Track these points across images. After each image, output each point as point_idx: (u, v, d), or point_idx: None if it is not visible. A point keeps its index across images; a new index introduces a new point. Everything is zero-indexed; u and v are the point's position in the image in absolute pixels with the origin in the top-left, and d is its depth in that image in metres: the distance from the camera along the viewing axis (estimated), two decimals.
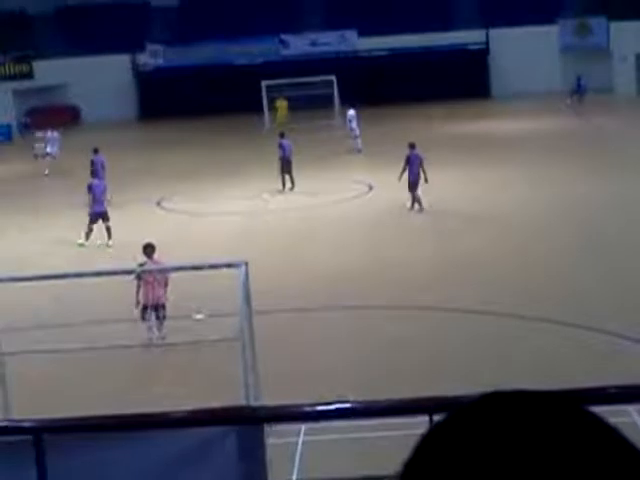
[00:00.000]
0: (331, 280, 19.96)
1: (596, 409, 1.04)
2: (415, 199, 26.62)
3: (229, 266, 13.09)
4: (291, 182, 31.08)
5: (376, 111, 49.07)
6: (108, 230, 24.45)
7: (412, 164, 26.95)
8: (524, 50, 55.33)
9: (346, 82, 49.28)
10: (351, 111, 39.65)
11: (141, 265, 16.77)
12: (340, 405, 3.86)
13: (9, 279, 15.07)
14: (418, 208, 26.55)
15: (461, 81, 54.78)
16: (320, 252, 22.81)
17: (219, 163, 37.41)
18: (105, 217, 24.77)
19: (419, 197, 26.57)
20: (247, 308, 12.37)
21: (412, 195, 26.65)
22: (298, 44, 57.89)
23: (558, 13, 56.92)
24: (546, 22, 55.20)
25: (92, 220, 24.69)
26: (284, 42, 58.14)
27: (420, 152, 27.46)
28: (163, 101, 56.22)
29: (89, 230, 24.54)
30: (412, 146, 27.58)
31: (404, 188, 26.72)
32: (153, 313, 16.55)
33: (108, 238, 24.37)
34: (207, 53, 56.82)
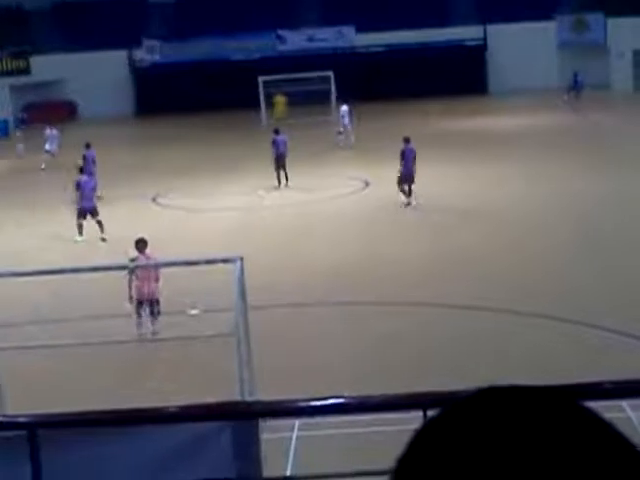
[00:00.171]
0: (327, 276, 19.96)
1: (591, 404, 1.04)
2: (410, 192, 26.68)
3: (225, 261, 13.10)
4: (285, 177, 31.08)
5: (373, 107, 49.09)
6: (100, 224, 24.48)
7: (407, 158, 27.04)
8: (521, 46, 55.39)
9: (343, 78, 49.26)
10: (344, 107, 39.69)
11: (133, 260, 16.76)
12: (334, 400, 3.86)
13: (5, 274, 15.06)
14: (409, 202, 26.61)
15: (458, 77, 54.84)
16: (316, 248, 22.81)
17: (216, 159, 37.39)
18: (94, 212, 24.78)
19: (411, 191, 26.64)
20: (242, 303, 12.38)
21: (408, 188, 26.70)
22: (295, 40, 57.89)
23: (555, 9, 56.97)
24: (543, 18, 55.28)
25: (79, 215, 24.73)
26: (281, 38, 58.14)
27: (414, 147, 27.53)
28: (160, 97, 56.21)
29: (78, 225, 24.56)
30: (407, 140, 27.66)
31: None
32: (147, 308, 16.55)
33: (101, 232, 24.39)
34: (204, 49, 56.80)
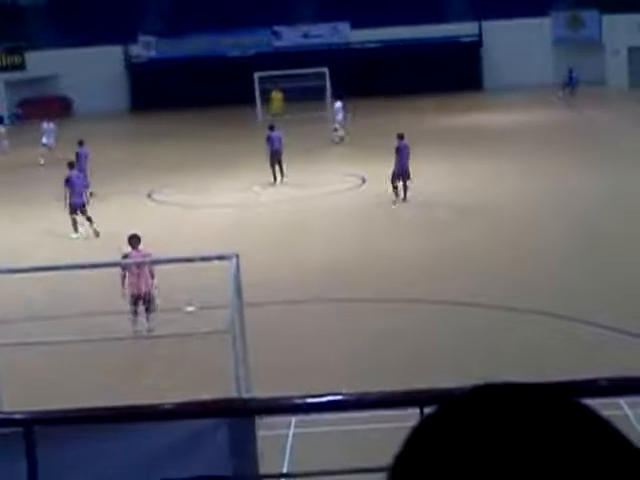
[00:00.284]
0: (323, 272, 19.95)
1: (588, 401, 1.04)
2: (405, 188, 26.70)
3: (220, 258, 13.08)
4: (281, 173, 31.04)
5: (368, 103, 49.03)
6: (89, 220, 24.51)
7: (401, 154, 27.08)
8: (517, 42, 55.36)
9: (339, 74, 49.23)
10: (338, 103, 39.72)
11: (125, 256, 16.75)
12: (331, 397, 3.86)
13: (1, 270, 15.05)
14: (399, 198, 26.69)
15: (454, 73, 54.79)
16: (312, 245, 22.79)
17: (211, 155, 37.33)
18: (83, 209, 24.77)
19: (403, 187, 26.67)
20: (238, 300, 12.36)
21: (403, 184, 26.74)
22: (291, 36, 57.85)
23: (550, 5, 56.94)
24: (539, 14, 55.27)
25: (71, 211, 24.74)
26: (277, 34, 58.09)
27: (407, 143, 27.56)
28: (155, 93, 56.11)
29: (73, 222, 24.55)
30: (401, 137, 27.73)
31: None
32: (142, 305, 16.52)
33: (90, 225, 24.42)
34: (200, 45, 56.74)
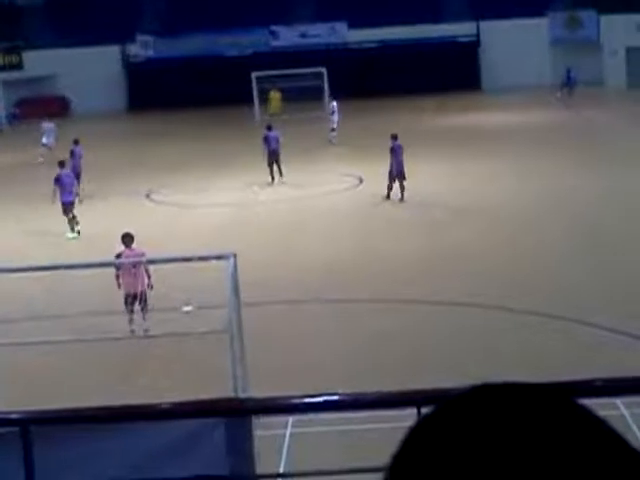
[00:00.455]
0: (320, 272, 19.95)
1: (585, 402, 1.04)
2: (402, 188, 26.74)
3: (218, 258, 13.10)
4: (280, 173, 31.02)
5: (366, 103, 49.04)
6: (75, 218, 24.63)
7: (396, 155, 27.13)
8: (514, 43, 55.40)
9: (336, 74, 49.24)
10: (334, 103, 39.77)
11: (119, 255, 16.74)
12: (328, 397, 3.86)
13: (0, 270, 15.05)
14: (392, 199, 26.72)
15: (451, 73, 54.81)
16: (309, 244, 22.80)
17: (209, 155, 37.33)
18: (71, 207, 24.81)
19: (400, 187, 26.72)
20: (236, 300, 12.38)
21: (400, 184, 26.77)
22: (288, 35, 57.86)
23: (548, 6, 56.98)
24: (536, 15, 55.32)
25: (64, 211, 24.76)
26: (274, 33, 58.10)
27: (401, 143, 27.60)
28: (153, 92, 56.12)
29: (68, 220, 24.58)
30: (394, 137, 27.81)
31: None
32: (138, 304, 16.51)
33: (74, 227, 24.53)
34: (197, 44, 56.74)
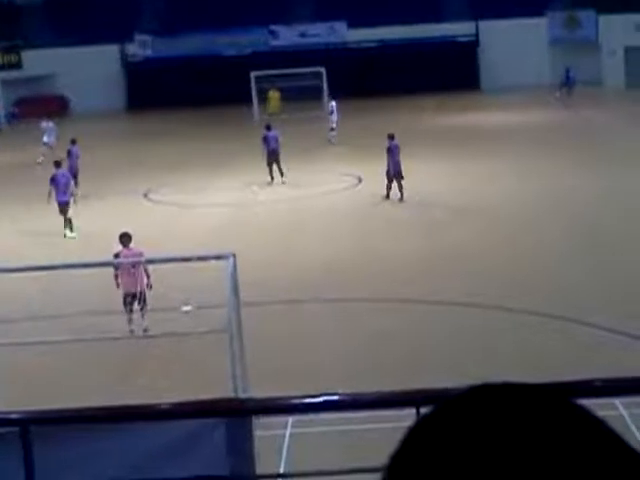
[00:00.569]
0: (319, 272, 19.95)
1: (583, 402, 1.04)
2: (401, 188, 26.77)
3: (217, 258, 13.11)
4: (280, 172, 30.98)
5: (365, 103, 49.02)
6: (69, 219, 24.65)
7: (393, 154, 27.16)
8: (513, 42, 55.37)
9: (336, 74, 49.20)
10: (332, 102, 39.78)
11: (117, 255, 16.74)
12: (328, 397, 3.86)
13: None
14: (390, 197, 26.81)
15: (450, 73, 54.76)
16: (309, 244, 22.80)
17: (208, 154, 37.29)
18: (66, 207, 24.82)
19: (399, 187, 26.75)
20: (235, 300, 12.38)
21: (398, 184, 26.80)
22: (287, 35, 57.82)
23: (547, 6, 56.95)
24: (535, 15, 55.29)
25: (60, 211, 24.79)
26: (273, 33, 58.06)
27: (398, 143, 27.62)
28: (152, 92, 56.06)
29: (65, 219, 24.60)
30: (391, 137, 27.87)
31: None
32: (137, 304, 16.51)
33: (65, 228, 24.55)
34: (196, 44, 56.69)
